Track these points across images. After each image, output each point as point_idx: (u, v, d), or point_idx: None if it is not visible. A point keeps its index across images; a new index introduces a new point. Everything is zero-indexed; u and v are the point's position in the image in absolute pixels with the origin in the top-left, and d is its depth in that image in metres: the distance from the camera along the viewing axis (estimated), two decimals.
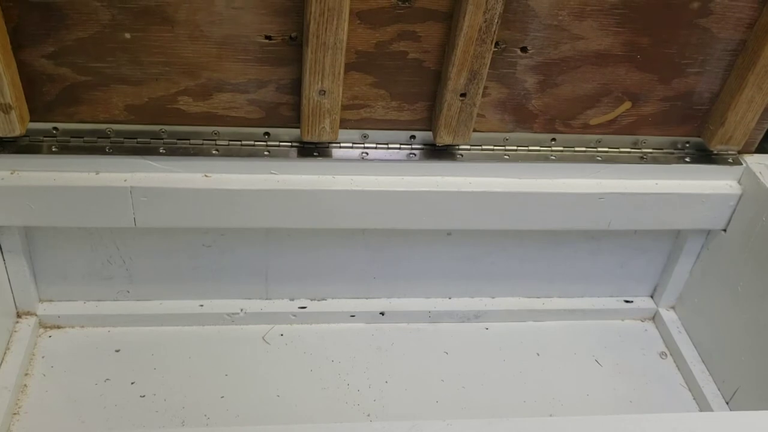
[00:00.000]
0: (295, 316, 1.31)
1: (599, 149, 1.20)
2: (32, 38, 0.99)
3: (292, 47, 1.02)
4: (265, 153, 1.12)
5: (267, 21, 1.00)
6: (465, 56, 1.01)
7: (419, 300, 1.35)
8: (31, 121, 1.06)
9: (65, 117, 1.07)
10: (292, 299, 1.32)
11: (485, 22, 0.97)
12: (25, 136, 1.07)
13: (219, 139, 1.12)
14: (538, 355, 1.32)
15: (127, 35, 0.99)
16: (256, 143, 1.13)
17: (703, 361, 1.31)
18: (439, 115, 1.09)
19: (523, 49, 1.07)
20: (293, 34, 1.01)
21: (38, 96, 1.04)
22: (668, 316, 1.39)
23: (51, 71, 1.02)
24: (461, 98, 1.06)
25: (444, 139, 1.11)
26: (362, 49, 1.04)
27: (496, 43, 1.04)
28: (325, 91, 1.03)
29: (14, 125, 1.02)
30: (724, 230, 1.27)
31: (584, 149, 1.20)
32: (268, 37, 1.02)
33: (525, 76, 1.10)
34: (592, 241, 1.31)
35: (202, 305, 1.29)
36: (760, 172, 1.21)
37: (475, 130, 1.13)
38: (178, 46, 1.01)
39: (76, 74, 1.03)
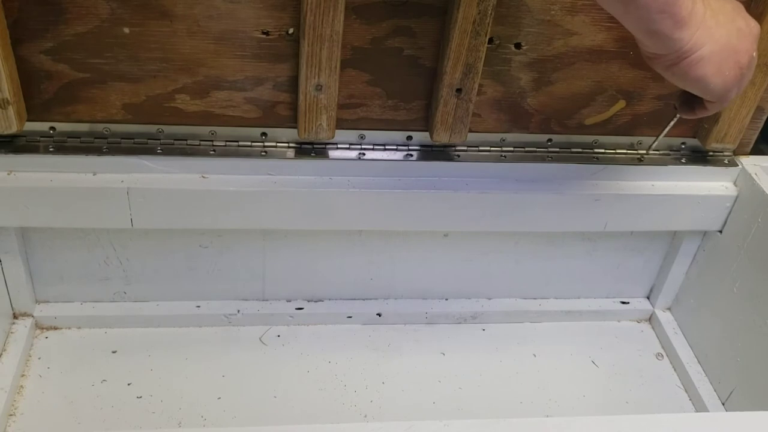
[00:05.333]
0: (292, 317, 1.31)
1: (596, 150, 1.21)
2: (31, 33, 0.99)
3: (289, 42, 1.03)
4: (262, 153, 1.13)
5: (264, 15, 1.00)
6: (460, 49, 1.01)
7: (416, 301, 1.35)
8: (28, 120, 1.06)
9: (62, 116, 1.07)
10: (289, 300, 1.32)
11: (479, 13, 0.98)
12: (22, 135, 1.07)
13: (216, 140, 1.12)
14: (534, 356, 1.32)
15: (126, 30, 1.00)
16: (253, 144, 1.13)
17: (699, 362, 1.31)
18: (435, 112, 1.09)
19: (517, 46, 1.07)
20: (290, 30, 1.02)
21: (36, 94, 1.04)
22: (664, 317, 1.39)
23: (49, 67, 1.02)
24: (457, 94, 1.06)
25: (441, 137, 1.12)
26: (358, 45, 1.05)
27: (491, 39, 1.04)
28: (321, 86, 1.04)
29: (11, 122, 1.02)
30: (720, 232, 1.27)
31: (581, 150, 1.20)
32: (265, 33, 1.02)
33: (520, 74, 1.10)
34: (589, 242, 1.32)
35: (198, 306, 1.29)
36: (756, 174, 1.21)
37: (471, 131, 1.13)
38: (176, 41, 1.01)
39: (75, 71, 1.03)
